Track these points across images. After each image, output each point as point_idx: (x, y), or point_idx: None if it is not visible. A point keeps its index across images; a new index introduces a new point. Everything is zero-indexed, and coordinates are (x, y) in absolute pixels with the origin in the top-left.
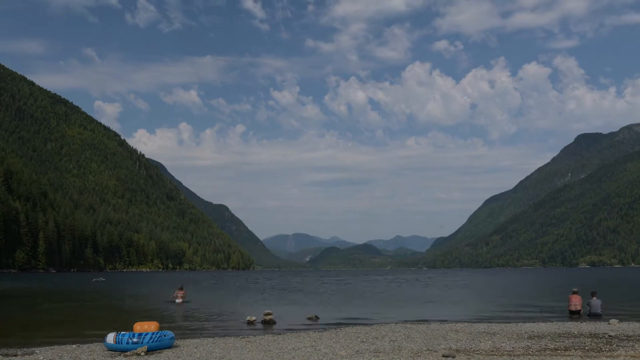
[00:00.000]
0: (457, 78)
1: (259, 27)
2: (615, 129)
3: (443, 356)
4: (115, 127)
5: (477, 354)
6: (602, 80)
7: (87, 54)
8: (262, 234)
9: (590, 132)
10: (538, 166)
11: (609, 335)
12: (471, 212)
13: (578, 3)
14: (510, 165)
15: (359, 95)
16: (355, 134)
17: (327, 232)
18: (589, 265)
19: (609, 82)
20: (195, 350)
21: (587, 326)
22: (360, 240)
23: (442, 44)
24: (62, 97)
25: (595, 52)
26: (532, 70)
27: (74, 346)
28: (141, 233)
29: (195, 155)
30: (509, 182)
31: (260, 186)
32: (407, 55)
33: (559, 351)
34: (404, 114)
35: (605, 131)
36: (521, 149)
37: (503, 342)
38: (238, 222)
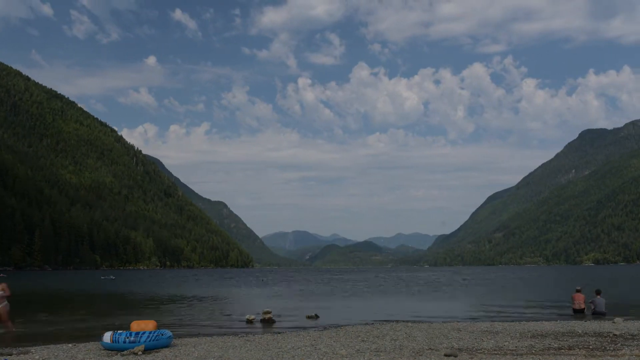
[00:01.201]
0: (405, 79)
1: (193, 37)
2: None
3: (445, 355)
4: None
5: (480, 353)
6: (546, 81)
7: (34, 59)
8: (261, 232)
9: (594, 127)
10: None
11: (614, 334)
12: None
13: (495, 11)
14: (485, 164)
15: (310, 96)
16: (315, 133)
17: (327, 230)
18: (593, 263)
19: (552, 82)
20: (193, 349)
21: (591, 325)
22: (360, 237)
23: (376, 48)
24: (58, 92)
25: (528, 55)
26: (476, 71)
27: (70, 345)
28: (138, 230)
29: (164, 155)
30: (488, 180)
31: (236, 184)
32: (343, 61)
33: (562, 350)
34: (359, 113)
35: (603, 127)
36: (486, 147)
37: (506, 341)
38: (237, 220)
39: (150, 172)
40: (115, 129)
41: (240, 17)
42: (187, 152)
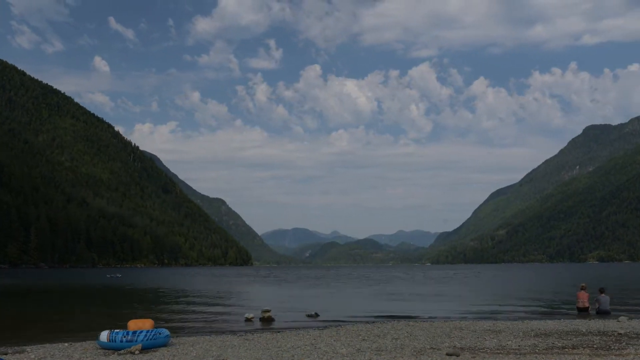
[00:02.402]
0: (354, 80)
1: (134, 46)
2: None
3: (447, 354)
4: None
5: (482, 352)
6: (490, 80)
7: None
8: (260, 229)
9: (598, 123)
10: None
11: (618, 333)
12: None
13: (416, 22)
14: (455, 162)
15: (263, 96)
16: (278, 132)
17: (327, 227)
18: (597, 260)
19: (495, 81)
20: (191, 348)
21: (595, 323)
22: (361, 235)
23: (313, 52)
24: (54, 87)
25: (464, 58)
26: (421, 73)
27: (66, 344)
28: (136, 227)
29: None
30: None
31: (212, 182)
32: (284, 65)
33: (566, 349)
34: (315, 112)
35: (607, 123)
36: (448, 145)
37: (509, 340)
38: (236, 217)
39: (147, 168)
40: (112, 125)
41: (174, 28)
42: (153, 151)
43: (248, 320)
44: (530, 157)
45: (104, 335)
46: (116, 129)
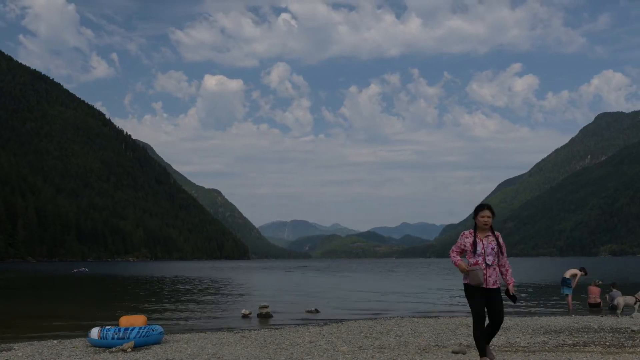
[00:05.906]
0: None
1: None
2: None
3: (453, 352)
4: None
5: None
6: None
7: None
8: (258, 221)
9: (610, 111)
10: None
11: (632, 330)
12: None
13: (222, 42)
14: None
15: (131, 96)
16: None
17: (328, 219)
18: (610, 254)
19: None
20: (186, 346)
21: (607, 320)
22: (364, 227)
23: (147, 63)
24: (43, 73)
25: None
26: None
27: (55, 342)
28: (128, 219)
29: None
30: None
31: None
32: (127, 72)
33: (577, 347)
34: (198, 108)
35: (620, 111)
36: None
37: (517, 337)
38: (232, 208)
39: (140, 158)
40: (104, 112)
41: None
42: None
43: (245, 316)
44: (540, 146)
45: (94, 332)
46: (107, 116)
